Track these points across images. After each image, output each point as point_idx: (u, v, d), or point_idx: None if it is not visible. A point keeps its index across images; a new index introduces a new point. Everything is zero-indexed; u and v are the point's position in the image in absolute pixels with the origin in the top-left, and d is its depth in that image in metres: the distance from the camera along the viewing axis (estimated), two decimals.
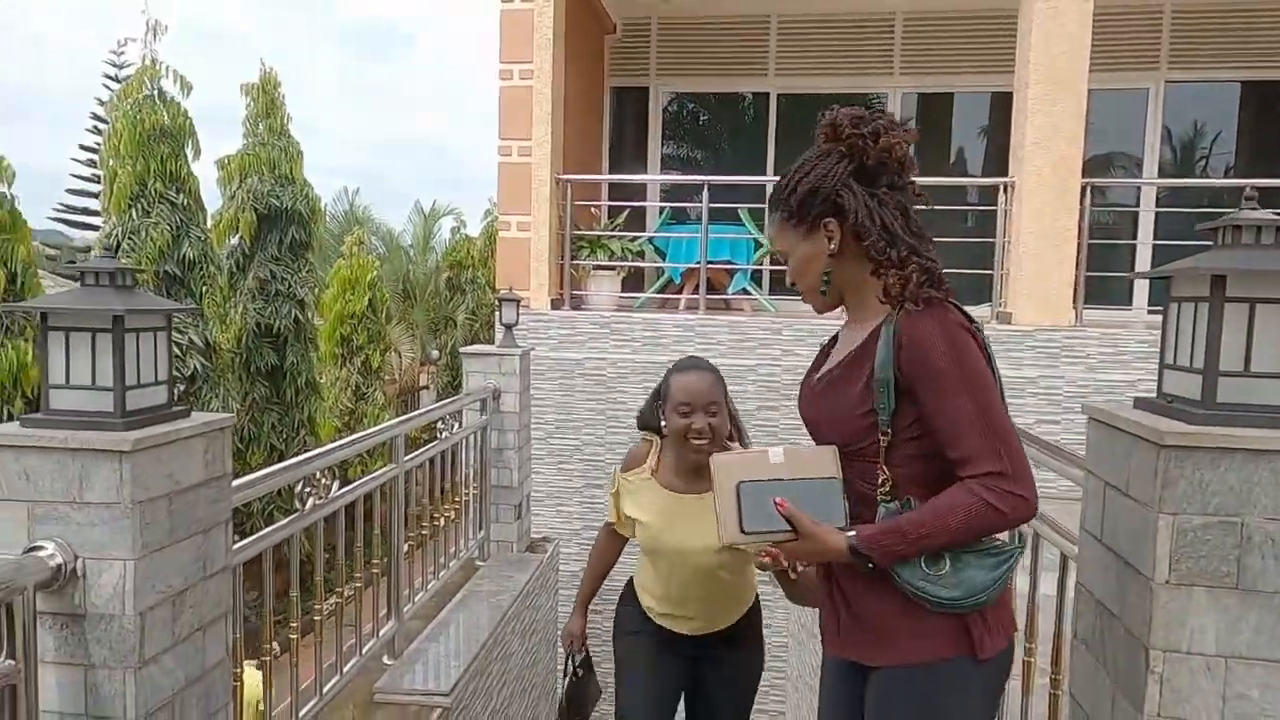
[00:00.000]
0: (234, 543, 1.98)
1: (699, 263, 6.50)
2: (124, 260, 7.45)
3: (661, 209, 7.46)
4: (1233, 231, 1.35)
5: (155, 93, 7.80)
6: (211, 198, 9.26)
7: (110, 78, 16.82)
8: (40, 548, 1.58)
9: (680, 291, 6.86)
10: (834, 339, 1.64)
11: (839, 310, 1.61)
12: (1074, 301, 5.75)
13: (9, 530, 1.61)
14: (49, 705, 1.60)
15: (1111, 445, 1.54)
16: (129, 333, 1.66)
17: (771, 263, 6.80)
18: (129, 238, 7.51)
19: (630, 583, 2.45)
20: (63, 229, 20.47)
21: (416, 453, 3.46)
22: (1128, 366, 5.57)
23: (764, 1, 7.89)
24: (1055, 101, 5.63)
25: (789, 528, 1.39)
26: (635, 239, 6.90)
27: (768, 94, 8.16)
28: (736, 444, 2.30)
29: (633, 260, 6.63)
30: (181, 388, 7.70)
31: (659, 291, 7.12)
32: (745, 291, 6.99)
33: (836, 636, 1.56)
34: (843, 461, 1.46)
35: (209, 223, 8.83)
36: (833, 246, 1.47)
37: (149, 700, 1.65)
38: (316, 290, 9.88)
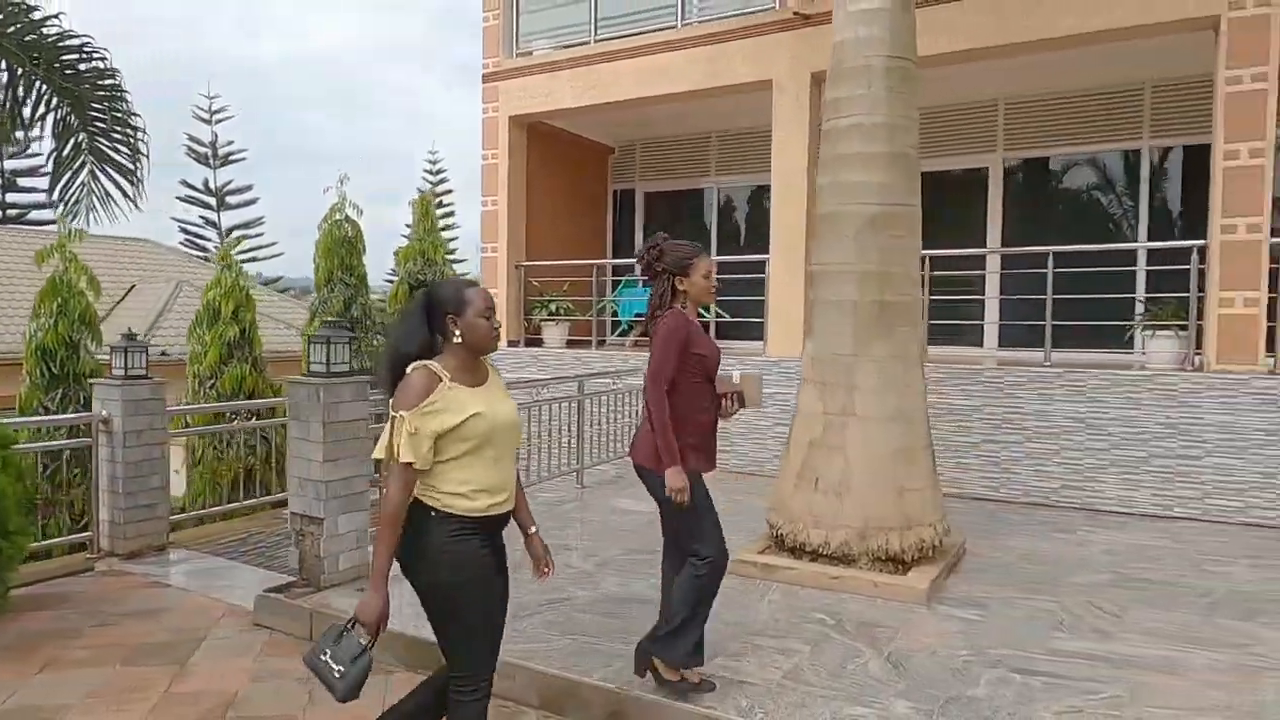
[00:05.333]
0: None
1: (637, 316, 9.76)
2: (316, 320, 12.25)
3: (616, 281, 10.77)
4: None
5: (343, 217, 12.81)
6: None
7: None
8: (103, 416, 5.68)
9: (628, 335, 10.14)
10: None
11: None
12: None
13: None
14: (102, 457, 5.68)
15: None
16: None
17: None
18: (323, 304, 12.48)
19: (436, 514, 2.41)
20: None
21: None
22: None
23: (709, 123, 10.88)
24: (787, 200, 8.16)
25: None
26: (601, 300, 10.32)
27: (713, 188, 11.13)
28: None
29: (568, 316, 10.04)
30: None
31: (622, 336, 10.44)
32: None
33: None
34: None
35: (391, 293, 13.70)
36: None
37: (128, 457, 5.65)
38: None
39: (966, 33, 7.29)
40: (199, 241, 33.41)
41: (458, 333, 2.45)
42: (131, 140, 5.57)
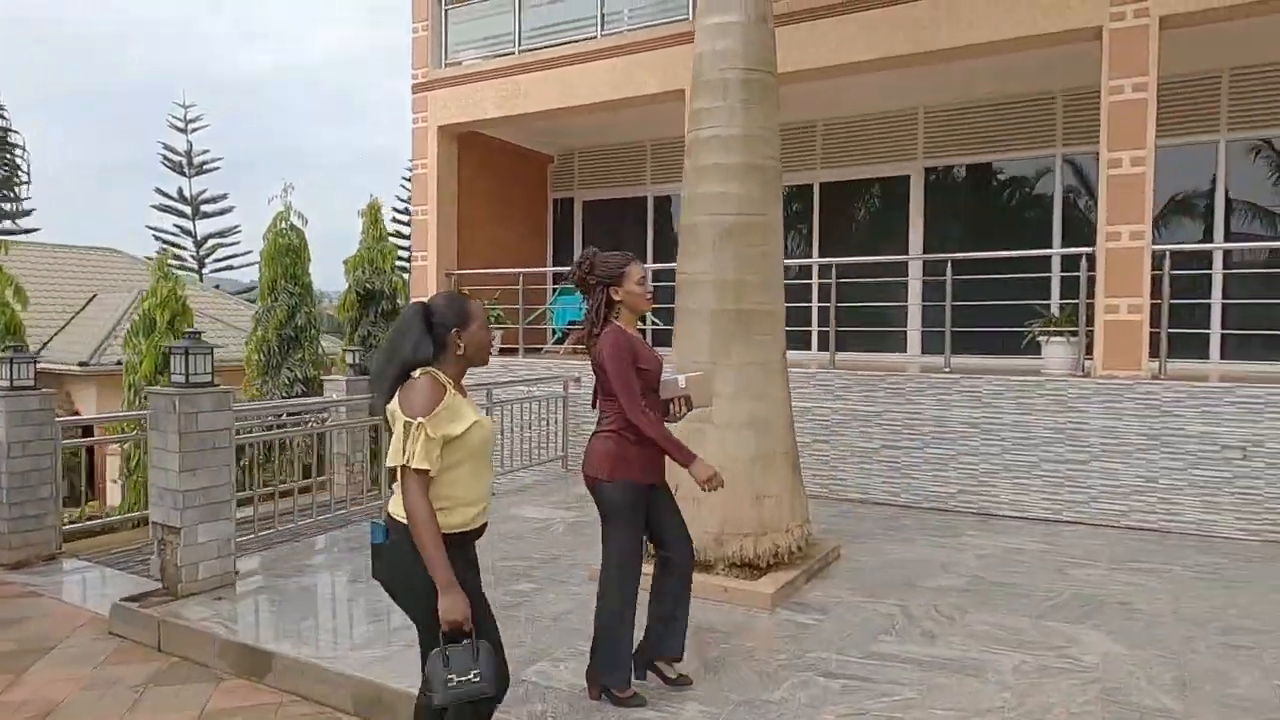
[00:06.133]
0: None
1: (570, 324, 9.83)
2: (260, 329, 12.37)
3: (554, 288, 10.85)
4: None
5: (288, 226, 12.86)
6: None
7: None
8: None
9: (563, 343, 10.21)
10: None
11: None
12: None
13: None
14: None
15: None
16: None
17: None
18: (267, 312, 12.54)
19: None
20: None
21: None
22: None
23: (643, 132, 10.97)
24: None
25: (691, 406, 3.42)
26: (533, 308, 10.38)
27: (646, 197, 11.22)
28: None
29: (498, 324, 10.09)
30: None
31: (558, 343, 10.50)
32: None
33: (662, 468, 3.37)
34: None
35: (340, 301, 13.74)
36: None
37: (14, 468, 5.68)
38: None
39: (868, 44, 7.39)
40: (174, 250, 33.41)
41: (461, 345, 2.51)
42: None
